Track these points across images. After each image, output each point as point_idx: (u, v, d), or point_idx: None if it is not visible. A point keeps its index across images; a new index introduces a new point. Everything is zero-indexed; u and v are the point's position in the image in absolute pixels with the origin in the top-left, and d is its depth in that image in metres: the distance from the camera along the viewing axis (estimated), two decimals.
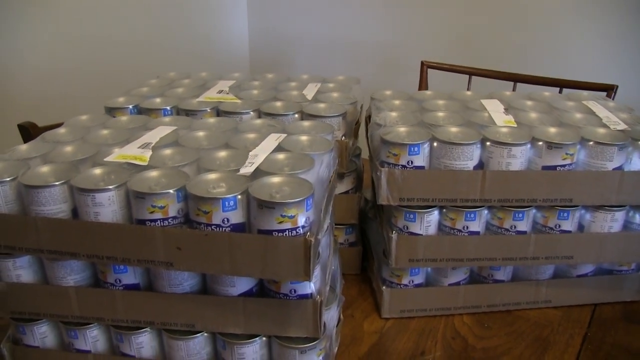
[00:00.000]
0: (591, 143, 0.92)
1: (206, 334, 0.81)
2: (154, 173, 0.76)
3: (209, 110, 1.08)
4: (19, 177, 0.75)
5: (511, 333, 1.00)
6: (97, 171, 0.77)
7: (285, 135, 0.89)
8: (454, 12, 2.39)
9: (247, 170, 0.76)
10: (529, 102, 1.13)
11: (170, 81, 1.30)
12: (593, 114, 1.07)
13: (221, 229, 0.70)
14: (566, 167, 0.92)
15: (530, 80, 1.76)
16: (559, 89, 1.67)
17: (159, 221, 0.71)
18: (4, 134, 1.59)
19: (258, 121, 1.00)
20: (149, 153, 0.83)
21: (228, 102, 1.12)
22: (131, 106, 1.10)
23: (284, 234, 0.69)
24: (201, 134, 0.91)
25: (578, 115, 1.05)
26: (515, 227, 0.96)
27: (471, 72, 1.86)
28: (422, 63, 1.93)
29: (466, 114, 1.04)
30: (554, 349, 0.96)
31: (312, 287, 0.77)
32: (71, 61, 2.19)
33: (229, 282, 0.76)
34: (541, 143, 0.92)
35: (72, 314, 0.81)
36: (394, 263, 0.98)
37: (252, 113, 1.07)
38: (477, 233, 0.97)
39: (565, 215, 0.96)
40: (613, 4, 2.03)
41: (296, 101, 1.12)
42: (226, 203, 0.69)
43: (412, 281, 1.02)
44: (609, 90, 1.57)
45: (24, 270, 0.81)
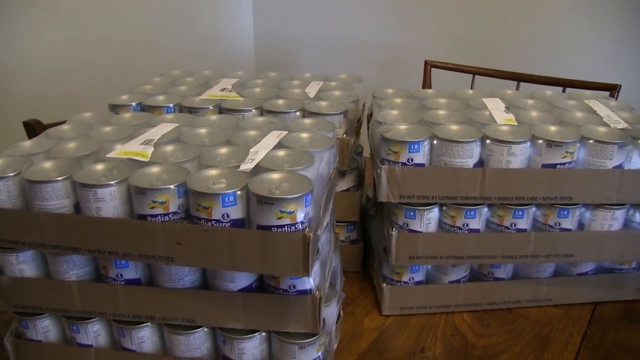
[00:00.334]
0: (591, 141, 0.92)
1: (206, 329, 0.82)
2: (155, 169, 0.77)
3: (211, 108, 1.08)
4: (22, 173, 0.76)
5: (511, 331, 1.00)
6: (99, 167, 0.78)
7: (286, 132, 0.90)
8: (457, 12, 2.40)
9: (247, 166, 0.77)
10: (530, 101, 1.13)
11: (174, 79, 1.31)
12: (594, 112, 1.07)
13: (221, 224, 0.71)
14: (566, 165, 0.92)
15: (534, 80, 1.75)
16: (562, 88, 1.67)
17: (159, 216, 0.72)
18: (9, 132, 1.61)
19: (260, 119, 1.01)
20: (150, 149, 0.83)
21: (230, 99, 1.12)
22: (134, 104, 1.11)
23: (283, 229, 0.70)
24: (203, 131, 0.92)
25: (579, 114, 1.05)
26: (515, 225, 0.97)
27: (475, 72, 1.86)
28: (426, 62, 1.94)
29: (467, 112, 1.04)
30: (554, 346, 0.96)
31: (312, 282, 0.77)
32: (76, 61, 2.20)
33: (228, 278, 0.77)
34: (541, 141, 0.92)
35: (74, 308, 0.82)
36: (394, 260, 0.98)
37: (254, 111, 1.07)
38: (477, 231, 0.97)
39: (565, 213, 0.96)
40: (617, 4, 2.02)
41: (298, 99, 1.13)
42: (226, 199, 0.70)
43: (413, 278, 1.03)
44: (612, 89, 1.57)
45: (26, 265, 0.81)
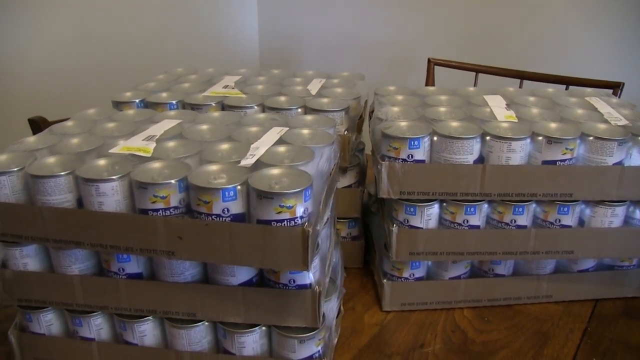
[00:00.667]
0: (591, 138, 0.92)
1: (207, 323, 0.82)
2: (157, 164, 0.78)
3: (213, 105, 1.09)
4: (26, 168, 0.77)
5: (511, 327, 1.01)
6: (102, 162, 0.79)
7: (287, 128, 0.90)
8: (461, 10, 2.40)
9: (248, 162, 0.78)
10: (531, 98, 1.13)
11: (178, 77, 1.32)
12: (595, 109, 1.07)
13: (221, 218, 0.71)
14: (566, 162, 0.93)
15: (537, 78, 1.75)
16: (565, 86, 1.67)
17: (160, 211, 0.73)
18: (15, 129, 1.62)
19: (261, 115, 1.02)
20: (153, 145, 0.84)
21: (233, 96, 1.13)
22: (138, 100, 1.12)
23: (283, 224, 0.70)
24: (205, 127, 0.93)
25: (579, 111, 1.05)
26: (515, 221, 0.97)
27: (478, 70, 1.86)
28: (429, 60, 1.94)
29: (468, 109, 1.05)
30: (553, 342, 0.96)
31: (311, 277, 0.78)
32: (82, 59, 2.21)
33: (229, 272, 0.78)
34: (541, 138, 0.92)
35: (77, 302, 0.83)
36: (395, 256, 0.98)
37: (256, 107, 1.08)
38: (477, 227, 0.97)
39: (566, 210, 0.97)
40: (621, 3, 2.02)
41: (300, 96, 1.13)
42: (226, 193, 0.70)
43: (413, 274, 1.03)
44: (616, 87, 1.57)
45: (30, 259, 0.83)
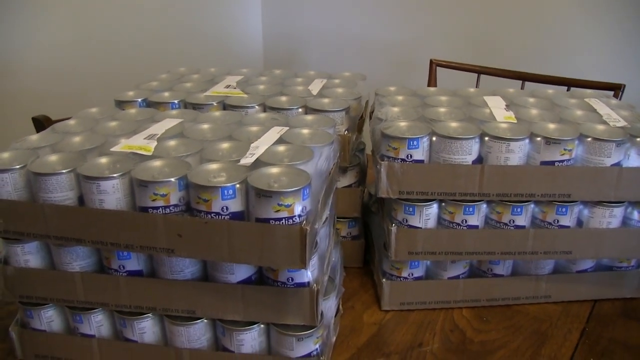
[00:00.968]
0: (589, 139, 0.93)
1: (206, 321, 0.83)
2: (157, 162, 0.78)
3: (215, 104, 1.10)
4: (28, 165, 0.78)
5: (509, 327, 1.01)
6: (103, 160, 0.80)
7: (288, 128, 0.91)
8: (463, 11, 2.40)
9: (247, 160, 0.78)
10: (531, 99, 1.14)
11: (180, 76, 1.32)
12: (594, 111, 1.07)
13: (220, 217, 0.72)
14: (564, 162, 0.93)
15: (538, 79, 1.76)
16: (567, 88, 1.67)
17: (160, 209, 0.74)
18: (19, 128, 1.63)
19: (262, 115, 1.02)
20: (154, 144, 0.85)
21: (234, 96, 1.14)
22: (140, 99, 1.12)
23: (281, 222, 0.71)
24: (206, 126, 0.94)
25: (579, 112, 1.06)
26: (513, 221, 0.97)
27: (479, 71, 1.86)
28: (431, 61, 1.94)
29: (467, 110, 1.05)
30: (551, 342, 0.97)
31: (309, 275, 0.78)
32: (85, 59, 2.22)
33: (228, 270, 0.78)
34: (539, 138, 0.92)
35: (78, 299, 0.84)
36: (394, 255, 0.99)
37: (257, 107, 1.09)
38: (475, 227, 0.98)
39: (564, 210, 0.97)
40: (622, 4, 2.02)
41: (301, 96, 1.14)
42: (225, 192, 0.71)
43: (412, 274, 1.04)
44: (616, 89, 1.57)
45: (32, 256, 0.83)
